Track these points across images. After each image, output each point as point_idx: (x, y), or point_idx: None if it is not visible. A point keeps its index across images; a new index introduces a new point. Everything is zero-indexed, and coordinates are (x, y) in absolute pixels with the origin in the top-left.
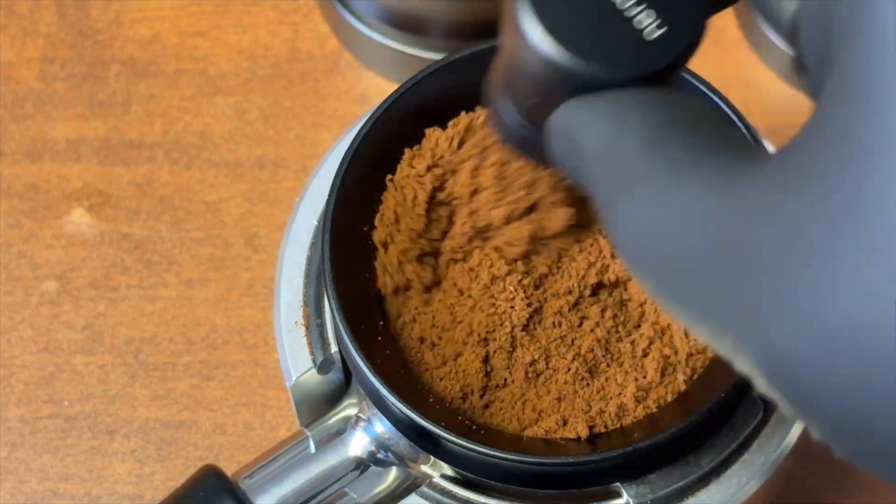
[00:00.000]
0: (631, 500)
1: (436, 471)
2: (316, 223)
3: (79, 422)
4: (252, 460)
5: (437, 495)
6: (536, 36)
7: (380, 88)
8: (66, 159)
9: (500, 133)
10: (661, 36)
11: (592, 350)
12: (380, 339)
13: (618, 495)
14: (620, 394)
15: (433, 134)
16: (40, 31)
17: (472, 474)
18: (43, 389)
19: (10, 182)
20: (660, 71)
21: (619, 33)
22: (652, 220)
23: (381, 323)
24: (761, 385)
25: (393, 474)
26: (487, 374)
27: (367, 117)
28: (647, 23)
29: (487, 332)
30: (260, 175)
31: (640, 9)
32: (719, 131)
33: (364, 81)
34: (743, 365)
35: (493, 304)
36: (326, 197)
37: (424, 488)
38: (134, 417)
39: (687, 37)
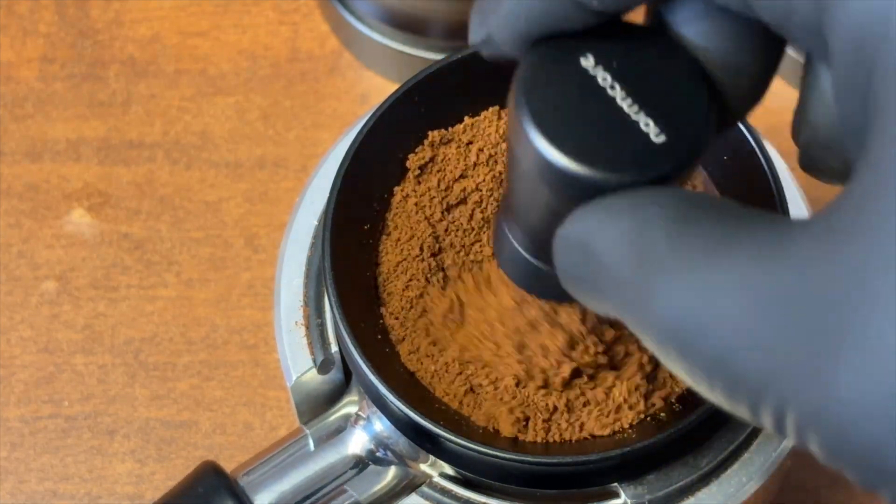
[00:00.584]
0: (629, 501)
1: (435, 470)
2: (316, 223)
3: (79, 422)
4: (251, 457)
5: (437, 495)
6: (542, 145)
7: (380, 88)
8: (66, 159)
9: (513, 276)
10: (667, 140)
11: (592, 358)
12: (379, 337)
13: (616, 495)
14: (619, 394)
15: (446, 151)
16: (40, 31)
17: (470, 473)
18: (43, 389)
19: (10, 182)
20: (668, 174)
21: (625, 136)
22: (698, 302)
23: (381, 322)
24: (822, 455)
25: (392, 473)
26: (487, 374)
27: (369, 115)
28: (652, 126)
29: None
30: (260, 175)
31: (644, 114)
32: (743, 209)
33: (364, 81)
34: (799, 437)
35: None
36: (327, 196)
37: (425, 488)
38: (134, 417)
39: (695, 140)
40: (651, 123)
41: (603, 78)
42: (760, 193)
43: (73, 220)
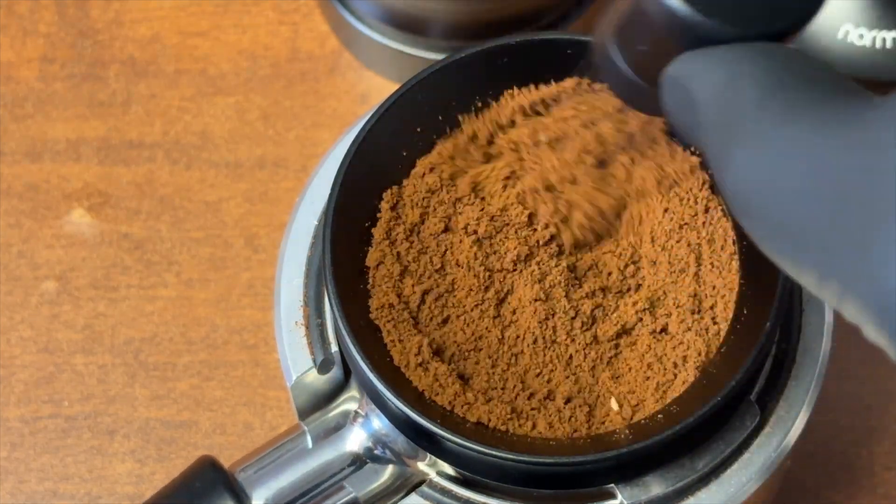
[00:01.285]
0: (625, 502)
1: (433, 469)
2: (316, 223)
3: (79, 422)
4: (249, 453)
5: (437, 495)
6: None
7: (380, 88)
8: (66, 159)
9: (610, 83)
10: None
11: (593, 355)
12: (378, 335)
13: (612, 496)
14: (619, 396)
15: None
16: (40, 31)
17: (468, 472)
18: (43, 389)
19: (10, 182)
20: (780, 32)
21: None
22: (766, 163)
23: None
24: (869, 332)
25: (390, 471)
26: (487, 374)
27: (372, 114)
28: None
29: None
30: (260, 175)
31: None
32: (834, 80)
33: (364, 81)
34: (851, 311)
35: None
36: (328, 195)
37: (425, 488)
38: (134, 417)
39: (808, 1)
40: None
41: None
42: None
43: (73, 220)
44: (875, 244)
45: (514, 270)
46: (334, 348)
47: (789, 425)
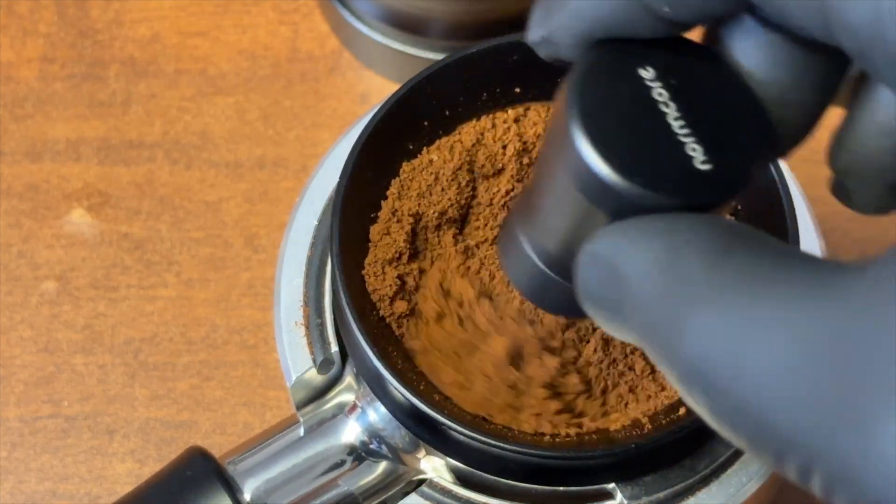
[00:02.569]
0: (625, 501)
1: (428, 465)
2: (316, 223)
3: (78, 422)
4: (241, 444)
5: (437, 495)
6: (588, 153)
7: (380, 88)
8: (66, 159)
9: (519, 284)
10: (712, 169)
11: (600, 354)
12: (382, 325)
13: (611, 496)
14: (621, 394)
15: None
16: (40, 31)
17: (465, 465)
18: (43, 389)
19: (10, 182)
20: (708, 203)
21: (671, 158)
22: (732, 341)
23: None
24: None
25: (383, 467)
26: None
27: (374, 113)
28: (700, 152)
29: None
30: (260, 175)
31: (694, 138)
32: (784, 248)
33: (364, 81)
34: (826, 492)
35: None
36: (336, 183)
37: (425, 488)
38: (134, 417)
39: (740, 173)
40: (699, 149)
41: (659, 93)
42: (769, 201)
43: (73, 220)
44: (882, 431)
45: None
46: (334, 348)
47: None
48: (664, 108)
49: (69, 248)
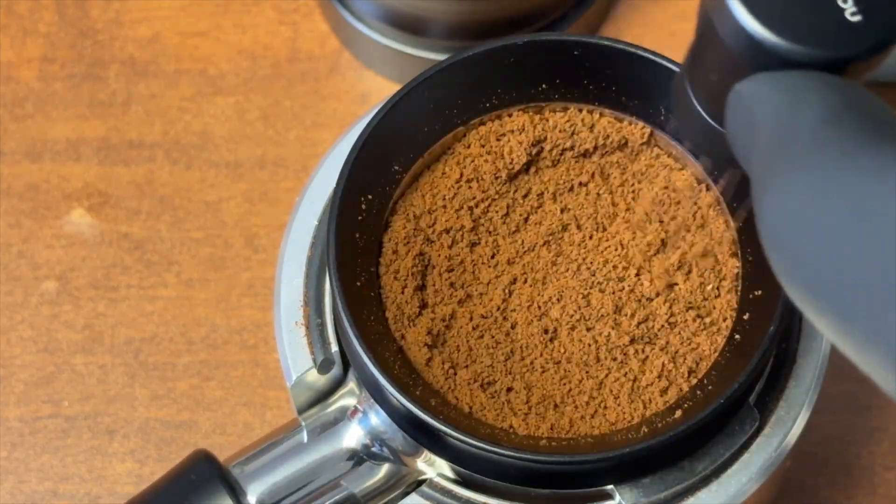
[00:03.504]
0: (623, 503)
1: (430, 467)
2: (316, 223)
3: (79, 422)
4: (245, 447)
5: (437, 495)
6: (737, 8)
7: (380, 88)
8: (66, 159)
9: (681, 121)
10: (859, 22)
11: (597, 357)
12: (381, 328)
13: (610, 497)
14: (618, 397)
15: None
16: (40, 31)
17: (466, 469)
18: (43, 389)
19: (10, 182)
20: (854, 57)
21: (818, 16)
22: (808, 194)
23: (383, 315)
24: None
25: (385, 469)
26: (490, 371)
27: (374, 113)
28: (850, 3)
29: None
30: (260, 175)
31: None
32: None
33: (364, 81)
34: (876, 366)
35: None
36: (333, 186)
37: (425, 488)
38: (134, 417)
39: (885, 28)
40: (850, 2)
41: None
42: None
43: (73, 220)
44: None
45: (523, 268)
46: (334, 348)
47: (789, 426)
48: None
49: (69, 248)
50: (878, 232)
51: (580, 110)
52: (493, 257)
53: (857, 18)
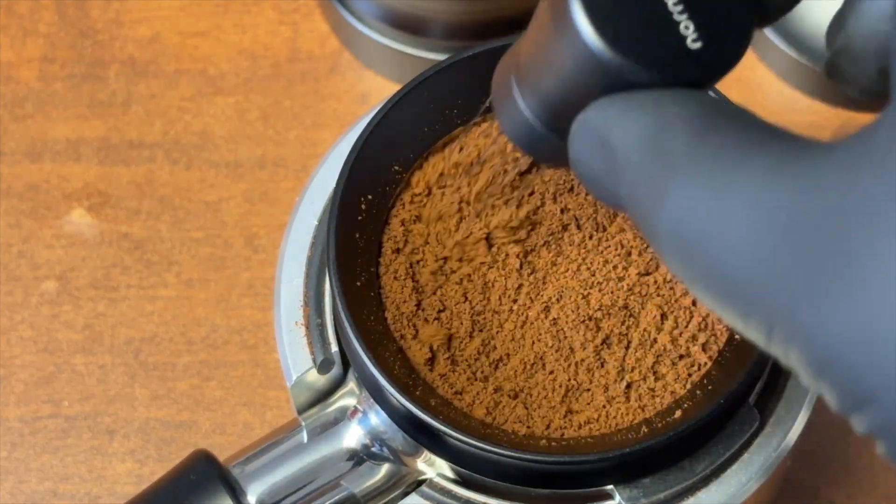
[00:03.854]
0: (623, 503)
1: (430, 467)
2: (316, 223)
3: (79, 422)
4: (245, 447)
5: (437, 495)
6: (584, 28)
7: (380, 88)
8: (66, 159)
9: (510, 132)
10: (703, 47)
11: (597, 357)
12: (381, 328)
13: (610, 497)
14: (618, 396)
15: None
16: (40, 31)
17: (466, 469)
18: (43, 389)
19: (10, 182)
20: (698, 80)
21: (665, 36)
22: (709, 202)
23: (382, 315)
24: (807, 378)
25: (386, 469)
26: (491, 371)
27: (374, 113)
28: (692, 31)
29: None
30: (260, 175)
31: (687, 16)
32: (765, 125)
33: (364, 81)
34: (793, 358)
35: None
36: (333, 186)
37: (425, 488)
38: (134, 417)
39: (729, 53)
40: (692, 27)
41: None
42: None
43: (73, 220)
44: (833, 294)
45: (520, 269)
46: (334, 348)
47: (789, 425)
48: None
49: (69, 248)
50: (787, 221)
51: None
52: (493, 258)
53: (697, 45)
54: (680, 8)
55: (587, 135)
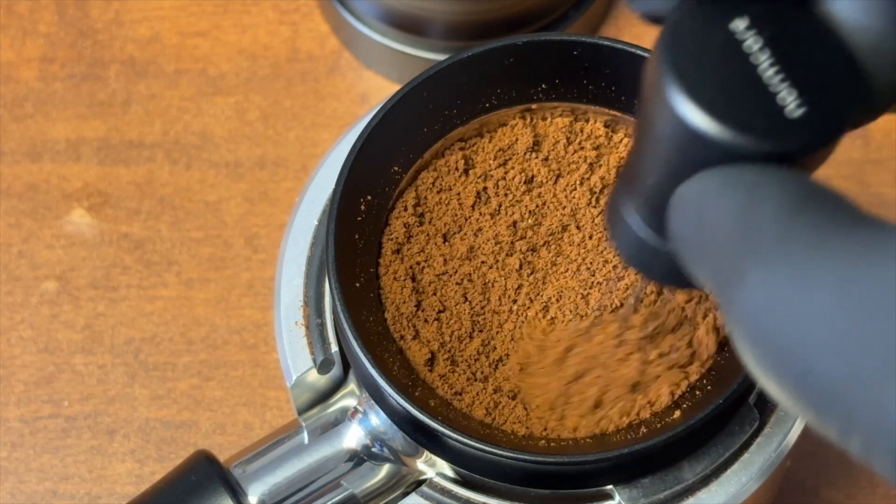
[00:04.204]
0: (623, 503)
1: (430, 467)
2: (316, 223)
3: (79, 422)
4: (245, 448)
5: (437, 495)
6: (679, 102)
7: (380, 88)
8: (66, 159)
9: (626, 256)
10: (804, 114)
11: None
12: (380, 329)
13: (609, 497)
14: (618, 396)
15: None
16: (40, 31)
17: (467, 470)
18: (43, 389)
19: (10, 182)
20: (800, 150)
21: (762, 106)
22: (790, 288)
23: (382, 315)
24: (886, 473)
25: (386, 469)
26: (489, 371)
27: (375, 113)
28: (793, 99)
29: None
30: (260, 175)
31: (788, 84)
32: (855, 209)
33: (364, 81)
34: (864, 449)
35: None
36: (333, 186)
37: (425, 488)
38: (134, 417)
39: (831, 123)
40: (792, 97)
41: (751, 44)
42: None
43: (73, 220)
44: None
45: (523, 268)
46: (334, 348)
47: (789, 425)
48: (756, 59)
49: (69, 248)
50: (873, 313)
51: (580, 110)
52: (493, 259)
53: (800, 112)
54: (778, 79)
55: (684, 206)
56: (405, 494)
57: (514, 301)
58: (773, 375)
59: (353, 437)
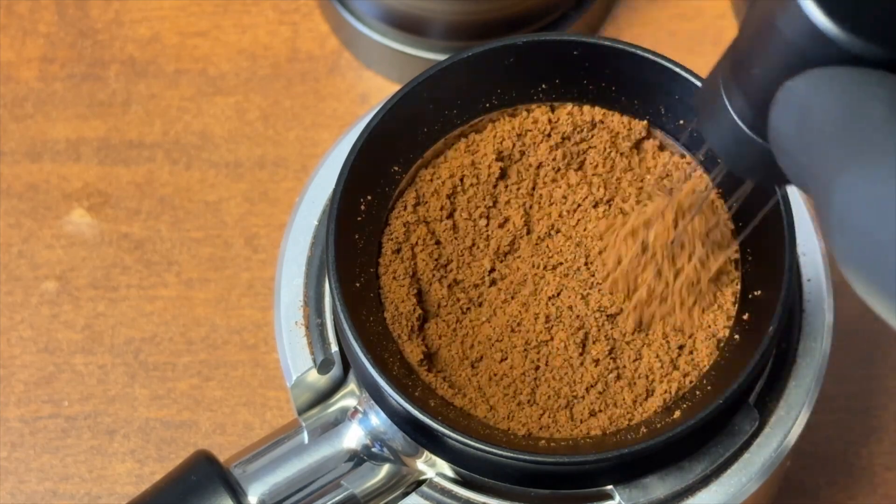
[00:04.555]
0: (623, 503)
1: (430, 467)
2: (316, 223)
3: (79, 422)
4: (245, 448)
5: (437, 495)
6: (807, 4)
7: (380, 88)
8: (66, 159)
9: (716, 144)
10: None
11: (596, 357)
12: (380, 329)
13: (609, 497)
14: (617, 397)
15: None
16: (40, 31)
17: (467, 470)
18: (43, 389)
19: (10, 182)
20: None
21: (886, 13)
22: (883, 188)
23: (382, 315)
24: None
25: (386, 469)
26: (489, 372)
27: (375, 112)
28: None
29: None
30: (260, 175)
31: None
32: None
33: (364, 81)
34: None
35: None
36: (333, 186)
37: (425, 488)
38: (134, 417)
39: None
40: None
41: None
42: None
43: (73, 220)
44: None
45: (522, 268)
46: (334, 348)
47: (789, 426)
48: None
49: (69, 248)
50: None
51: (580, 110)
52: (493, 259)
53: None
54: None
55: (790, 101)
56: (405, 494)
57: (514, 298)
58: (866, 270)
59: (353, 437)
